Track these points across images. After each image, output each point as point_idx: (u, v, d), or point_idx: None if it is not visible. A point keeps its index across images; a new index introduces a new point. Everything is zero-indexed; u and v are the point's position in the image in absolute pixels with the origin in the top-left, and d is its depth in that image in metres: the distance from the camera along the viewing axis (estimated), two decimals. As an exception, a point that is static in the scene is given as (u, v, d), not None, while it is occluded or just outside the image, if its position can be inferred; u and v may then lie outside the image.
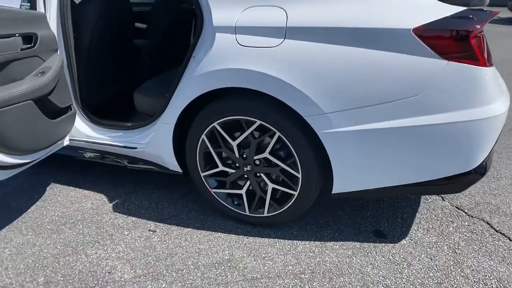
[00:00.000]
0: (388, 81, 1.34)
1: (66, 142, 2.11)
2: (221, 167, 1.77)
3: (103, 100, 2.42)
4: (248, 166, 1.70)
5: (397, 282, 1.48)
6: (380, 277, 1.51)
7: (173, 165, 1.89)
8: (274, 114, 1.52)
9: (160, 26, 2.84)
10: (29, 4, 1.71)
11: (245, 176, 1.75)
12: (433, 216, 1.86)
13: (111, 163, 2.15)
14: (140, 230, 1.86)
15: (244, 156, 1.70)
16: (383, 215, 1.88)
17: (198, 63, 1.60)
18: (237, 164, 1.74)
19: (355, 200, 2.01)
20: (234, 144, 1.67)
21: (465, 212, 1.88)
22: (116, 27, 2.32)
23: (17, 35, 1.53)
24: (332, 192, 1.61)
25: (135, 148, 1.97)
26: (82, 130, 2.12)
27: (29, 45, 1.62)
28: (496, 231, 1.74)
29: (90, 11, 2.09)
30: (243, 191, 1.77)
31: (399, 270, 1.54)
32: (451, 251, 1.63)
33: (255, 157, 1.67)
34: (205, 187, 1.84)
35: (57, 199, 2.14)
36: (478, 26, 1.28)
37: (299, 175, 1.60)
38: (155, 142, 1.87)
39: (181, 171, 1.90)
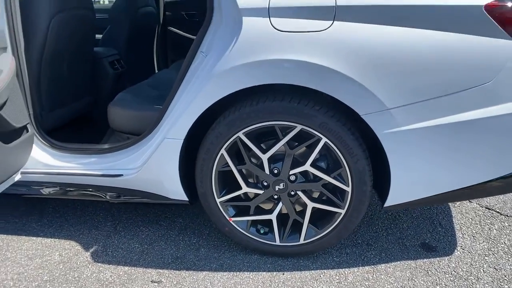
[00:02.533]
0: (457, 67, 1.16)
1: (17, 177, 1.56)
2: (245, 189, 1.41)
3: (61, 119, 1.90)
4: (281, 184, 1.38)
5: (477, 302, 1.27)
6: (456, 299, 1.28)
7: (176, 192, 1.48)
8: (320, 115, 1.24)
9: (121, 32, 2.40)
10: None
11: (275, 196, 1.42)
12: (470, 219, 1.72)
13: (80, 199, 1.65)
14: (139, 283, 1.39)
15: (275, 172, 1.37)
16: (421, 225, 1.69)
17: (215, 57, 1.26)
18: (265, 183, 1.40)
19: (383, 212, 1.79)
20: (264, 157, 1.34)
21: (498, 212, 1.77)
22: (76, 25, 1.85)
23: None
24: (385, 205, 1.36)
25: (121, 175, 1.52)
26: (39, 159, 1.59)
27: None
28: (536, 228, 1.65)
29: (44, 2, 1.61)
30: (273, 216, 1.43)
31: (471, 286, 1.33)
32: (509, 256, 1.47)
33: (291, 172, 1.36)
34: (221, 216, 1.46)
35: (5, 256, 1.56)
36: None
37: (349, 189, 1.33)
38: (152, 165, 1.44)
39: (187, 199, 1.49)
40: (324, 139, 1.27)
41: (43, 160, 1.60)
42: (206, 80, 1.26)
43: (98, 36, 2.81)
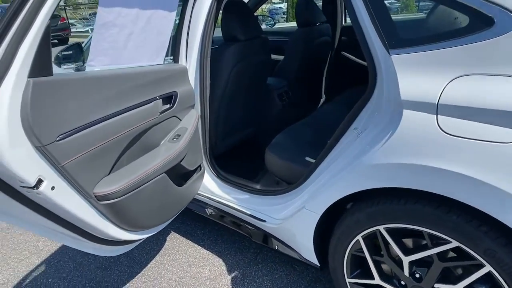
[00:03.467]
0: None
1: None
2: (378, 281, 1.30)
3: (228, 147, 2.20)
4: (422, 291, 1.19)
5: None
6: None
7: (309, 255, 1.50)
8: (488, 240, 0.99)
9: (293, 63, 2.51)
10: (172, 57, 1.54)
11: (413, 299, 1.25)
12: None
13: (230, 227, 1.88)
14: (261, 329, 1.52)
15: (417, 276, 1.20)
16: None
17: (368, 143, 1.16)
18: (402, 282, 1.25)
19: None
20: (405, 260, 1.19)
21: None
22: (252, 69, 2.07)
23: (157, 97, 1.35)
24: None
25: (264, 221, 1.65)
26: (208, 185, 1.90)
27: (168, 106, 1.44)
28: None
29: (229, 56, 1.87)
30: (406, 319, 1.27)
31: None
32: None
33: (437, 285, 1.15)
34: (349, 294, 1.40)
35: (175, 257, 1.98)
36: None
37: (515, 332, 1.02)
38: (290, 224, 1.51)
39: (318, 264, 1.50)
40: (488, 267, 1.01)
41: (209, 187, 1.90)
42: (354, 166, 1.19)
43: (275, 56, 3.05)
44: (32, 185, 0.89)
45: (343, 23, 2.87)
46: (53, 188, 0.95)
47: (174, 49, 1.53)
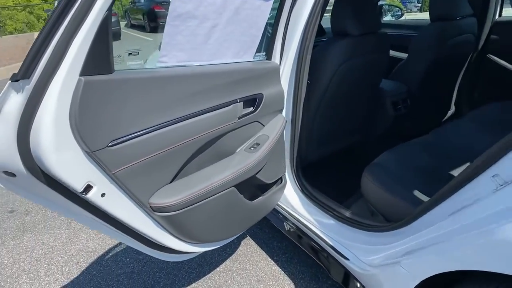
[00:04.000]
0: None
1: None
2: None
3: (323, 154, 1.92)
4: None
5: None
6: None
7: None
8: None
9: (419, 66, 2.04)
10: (264, 53, 1.34)
11: None
12: None
13: (308, 252, 1.63)
14: None
15: None
16: None
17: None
18: None
19: None
20: None
21: None
22: (363, 70, 1.72)
23: (238, 100, 1.17)
24: None
25: (347, 259, 1.36)
26: (289, 199, 1.69)
27: (250, 110, 1.26)
28: None
29: (335, 53, 1.57)
30: None
31: None
32: None
33: None
34: None
35: (245, 266, 1.84)
36: None
37: None
38: (379, 277, 1.19)
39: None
40: None
41: (291, 201, 1.68)
42: (486, 232, 0.81)
43: (397, 54, 2.58)
44: (80, 191, 0.82)
45: (497, 16, 2.21)
46: (103, 195, 0.87)
47: (268, 44, 1.33)
